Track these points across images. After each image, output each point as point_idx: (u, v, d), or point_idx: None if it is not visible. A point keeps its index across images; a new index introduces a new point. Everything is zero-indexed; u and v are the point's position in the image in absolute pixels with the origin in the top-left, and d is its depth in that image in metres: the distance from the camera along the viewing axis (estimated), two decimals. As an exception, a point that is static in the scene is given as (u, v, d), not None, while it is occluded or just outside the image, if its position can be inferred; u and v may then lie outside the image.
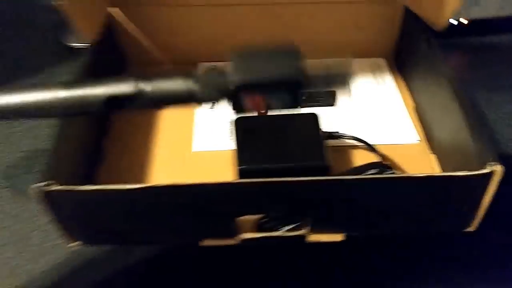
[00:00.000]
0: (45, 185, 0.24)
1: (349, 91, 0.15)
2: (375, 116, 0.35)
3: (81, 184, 0.24)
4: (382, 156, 0.32)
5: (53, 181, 0.24)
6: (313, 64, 0.16)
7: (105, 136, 0.34)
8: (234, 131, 0.31)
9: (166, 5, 0.37)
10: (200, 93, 0.17)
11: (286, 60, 0.16)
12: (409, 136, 0.34)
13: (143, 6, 0.37)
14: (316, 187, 0.25)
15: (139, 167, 0.32)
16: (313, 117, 0.30)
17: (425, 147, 0.33)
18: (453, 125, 0.29)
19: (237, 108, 0.17)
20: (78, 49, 0.42)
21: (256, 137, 0.30)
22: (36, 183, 0.24)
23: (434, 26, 0.34)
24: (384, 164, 0.30)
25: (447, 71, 0.31)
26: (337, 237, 0.28)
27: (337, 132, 0.32)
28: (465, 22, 0.45)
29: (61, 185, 0.24)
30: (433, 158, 0.32)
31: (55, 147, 0.27)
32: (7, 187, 0.33)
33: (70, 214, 0.26)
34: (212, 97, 0.17)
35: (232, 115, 0.35)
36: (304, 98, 0.17)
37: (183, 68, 0.38)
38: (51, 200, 0.25)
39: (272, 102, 0.17)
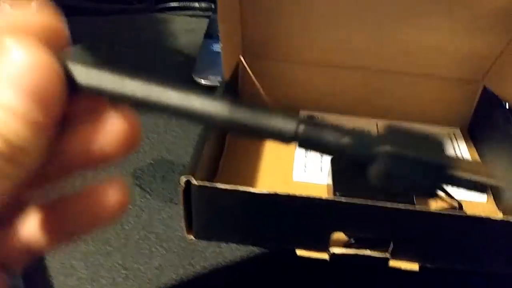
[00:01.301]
0: (190, 180, 0.31)
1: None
2: (449, 175, 0.41)
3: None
4: (460, 205, 0.37)
5: (194, 177, 0.31)
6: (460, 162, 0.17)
7: (221, 156, 0.41)
8: (331, 165, 0.37)
9: (286, 61, 0.45)
10: (350, 152, 0.16)
11: (437, 147, 0.16)
12: (477, 196, 0.39)
13: (267, 59, 0.45)
14: (403, 214, 0.30)
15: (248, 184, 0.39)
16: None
17: (493, 205, 0.38)
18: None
19: (379, 181, 0.17)
20: (208, 87, 0.50)
21: (351, 171, 0.36)
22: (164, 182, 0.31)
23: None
24: (463, 211, 0.35)
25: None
26: (415, 266, 0.33)
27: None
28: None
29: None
30: (501, 215, 0.37)
31: (196, 154, 0.34)
32: (135, 184, 0.40)
33: (198, 208, 0.33)
34: (358, 159, 0.16)
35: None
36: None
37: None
38: (189, 191, 0.32)
39: (414, 184, 0.16)
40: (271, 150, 0.43)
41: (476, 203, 0.38)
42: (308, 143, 0.17)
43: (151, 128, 0.46)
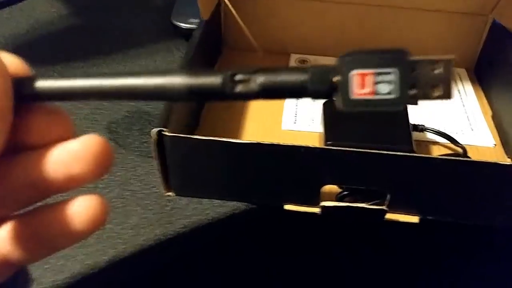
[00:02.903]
0: (162, 130, 0.28)
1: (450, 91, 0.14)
2: (453, 119, 0.37)
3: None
4: (464, 151, 0.33)
5: (166, 129, 0.28)
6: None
7: (203, 104, 0.38)
8: (322, 114, 0.34)
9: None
10: (311, 86, 0.16)
11: (391, 51, 0.16)
12: (485, 139, 0.35)
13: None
14: (402, 163, 0.27)
15: (231, 137, 0.36)
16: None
17: (501, 151, 0.35)
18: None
19: (344, 96, 0.15)
20: (186, 29, 0.46)
21: (344, 118, 0.33)
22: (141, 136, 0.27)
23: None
24: (468, 157, 0.31)
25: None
26: (414, 219, 0.30)
27: (423, 125, 0.34)
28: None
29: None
30: (509, 161, 0.34)
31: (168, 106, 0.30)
32: (110, 139, 0.37)
33: (173, 162, 0.30)
34: (322, 89, 0.16)
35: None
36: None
37: (275, 58, 0.43)
38: (162, 145, 0.28)
39: (381, 86, 0.15)
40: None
41: (483, 148, 0.35)
42: (270, 91, 0.16)
43: (126, 77, 0.42)
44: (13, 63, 0.17)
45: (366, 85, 0.15)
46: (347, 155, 0.27)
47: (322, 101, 0.38)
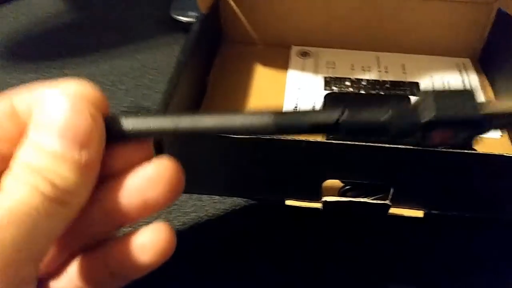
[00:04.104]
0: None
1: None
2: (458, 111, 0.36)
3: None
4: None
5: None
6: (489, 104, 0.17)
7: (203, 97, 0.37)
8: (323, 105, 0.33)
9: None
10: (394, 127, 0.17)
11: (470, 100, 0.17)
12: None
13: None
14: (406, 156, 0.26)
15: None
16: (405, 99, 0.32)
17: (507, 142, 0.34)
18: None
19: (423, 142, 0.17)
20: (185, 22, 0.45)
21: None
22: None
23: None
24: (473, 149, 0.31)
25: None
26: (419, 213, 0.29)
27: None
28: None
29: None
30: (515, 153, 0.33)
31: (165, 99, 0.29)
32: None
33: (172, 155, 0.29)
34: (403, 131, 0.17)
35: (323, 91, 0.37)
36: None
37: (276, 50, 0.42)
38: (160, 140, 0.28)
39: (456, 139, 0.17)
40: (258, 93, 0.38)
41: (489, 139, 0.34)
42: (352, 129, 0.17)
43: (124, 72, 0.42)
44: (97, 98, 0.17)
45: (443, 138, 0.17)
46: (349, 149, 0.27)
47: (324, 93, 0.37)
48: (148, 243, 0.17)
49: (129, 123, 0.17)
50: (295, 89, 0.38)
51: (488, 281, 0.28)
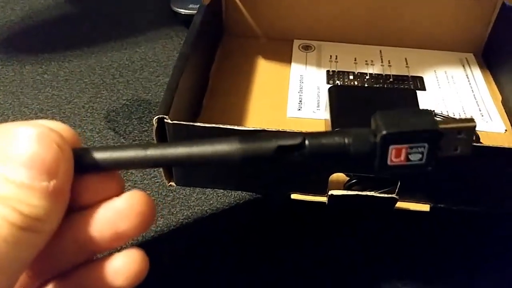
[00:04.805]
0: (163, 118, 0.27)
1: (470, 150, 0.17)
2: (462, 105, 0.36)
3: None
4: (477, 137, 0.32)
5: (168, 116, 0.27)
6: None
7: (205, 91, 0.37)
8: (328, 100, 0.33)
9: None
10: (354, 148, 0.17)
11: (423, 117, 0.18)
12: (496, 125, 0.34)
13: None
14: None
15: (235, 125, 0.35)
16: (412, 92, 0.31)
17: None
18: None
19: (381, 163, 0.18)
20: (185, 15, 0.45)
21: (352, 105, 0.32)
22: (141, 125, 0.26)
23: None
24: (480, 143, 0.30)
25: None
26: (425, 207, 0.29)
27: (433, 110, 0.33)
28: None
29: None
30: (521, 147, 0.33)
31: (170, 90, 0.29)
32: (109, 128, 0.36)
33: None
34: (362, 152, 0.17)
35: (326, 85, 0.37)
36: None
37: (278, 44, 0.41)
38: (164, 133, 0.27)
39: (413, 155, 0.18)
40: (261, 87, 0.38)
41: (493, 134, 0.34)
42: (315, 156, 0.18)
43: (125, 65, 0.41)
44: (65, 131, 0.17)
45: (401, 155, 0.18)
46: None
47: (327, 86, 0.37)
48: (122, 268, 0.17)
49: (98, 155, 0.17)
50: (298, 83, 0.38)
51: (491, 276, 0.28)
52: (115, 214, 0.17)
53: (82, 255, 0.18)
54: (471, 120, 0.18)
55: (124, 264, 0.17)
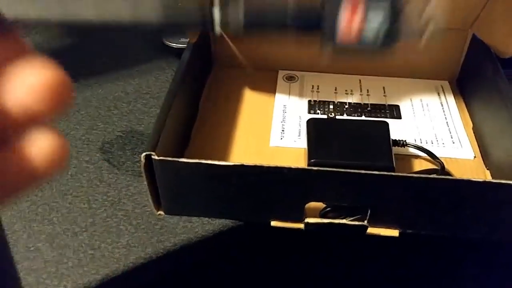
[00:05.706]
0: (150, 154, 0.29)
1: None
2: (435, 132, 0.38)
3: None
4: (442, 166, 0.34)
5: (154, 152, 0.29)
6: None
7: (195, 120, 0.39)
8: (306, 131, 0.35)
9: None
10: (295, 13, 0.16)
11: None
12: (465, 152, 0.37)
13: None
14: (381, 181, 0.28)
15: (221, 153, 0.37)
16: (384, 124, 0.34)
17: (480, 163, 0.36)
18: (509, 143, 0.32)
19: (331, 32, 0.16)
20: (177, 48, 0.47)
21: (327, 136, 0.34)
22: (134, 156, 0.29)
23: (501, 54, 0.37)
24: (445, 172, 0.33)
25: (508, 96, 0.34)
26: (394, 233, 0.31)
27: (404, 140, 0.35)
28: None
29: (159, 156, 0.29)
30: (488, 174, 0.35)
31: (157, 127, 0.31)
32: (104, 159, 0.38)
33: (163, 183, 0.31)
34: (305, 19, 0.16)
35: (308, 114, 0.39)
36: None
37: (264, 74, 0.44)
38: (151, 168, 0.30)
39: (370, 20, 0.16)
40: (247, 116, 0.40)
41: (462, 160, 0.36)
42: (255, 22, 0.16)
43: (119, 97, 0.44)
44: None
45: (355, 20, 0.16)
46: (328, 175, 0.29)
47: (308, 116, 0.39)
48: (39, 150, 0.15)
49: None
50: (281, 113, 0.40)
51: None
52: (24, 88, 0.14)
53: None
54: None
55: (41, 148, 0.15)
